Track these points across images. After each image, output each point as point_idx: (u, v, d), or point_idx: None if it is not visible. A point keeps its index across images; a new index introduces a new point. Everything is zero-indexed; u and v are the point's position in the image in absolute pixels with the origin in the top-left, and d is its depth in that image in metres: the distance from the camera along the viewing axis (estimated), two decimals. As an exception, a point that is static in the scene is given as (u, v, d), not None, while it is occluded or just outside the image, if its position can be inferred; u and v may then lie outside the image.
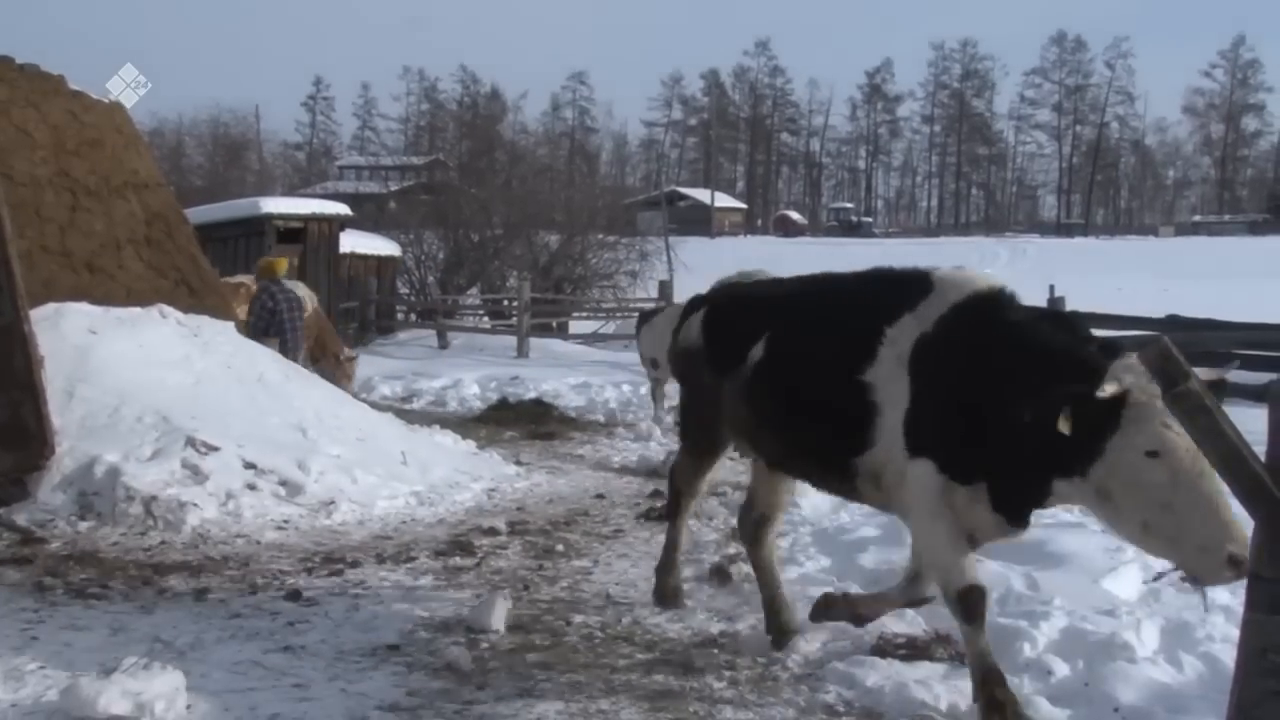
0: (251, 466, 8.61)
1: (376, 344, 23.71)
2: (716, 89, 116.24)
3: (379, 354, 21.61)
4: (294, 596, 6.54)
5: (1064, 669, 5.22)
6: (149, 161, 11.86)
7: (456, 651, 5.50)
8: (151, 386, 9.13)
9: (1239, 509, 3.62)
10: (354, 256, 25.59)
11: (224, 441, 8.68)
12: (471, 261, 30.61)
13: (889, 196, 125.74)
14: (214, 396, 9.43)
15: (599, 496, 9.74)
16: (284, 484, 8.59)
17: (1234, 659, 3.61)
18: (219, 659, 5.47)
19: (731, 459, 11.81)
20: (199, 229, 13.18)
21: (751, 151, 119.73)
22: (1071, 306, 15.70)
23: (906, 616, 5.99)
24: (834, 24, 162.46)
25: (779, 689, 5.26)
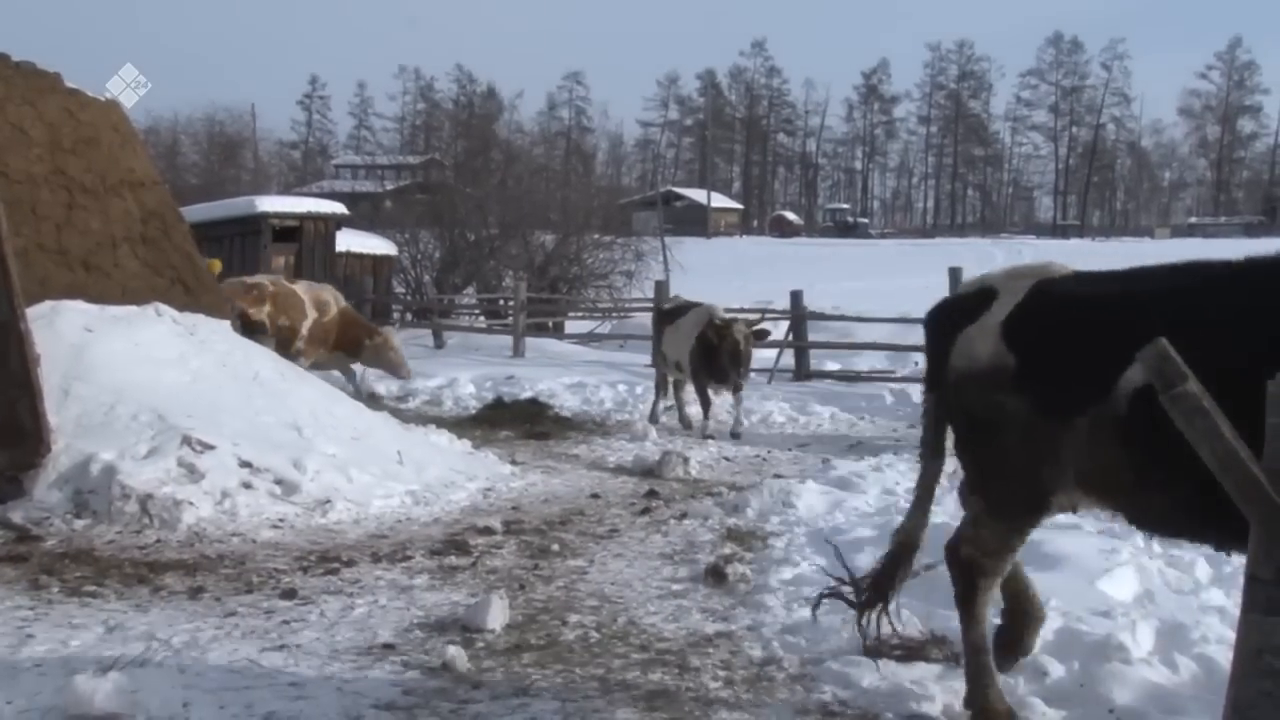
0: (247, 465, 8.61)
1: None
2: (712, 89, 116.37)
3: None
4: (289, 595, 6.54)
5: (1059, 670, 5.23)
6: (145, 160, 11.82)
7: (452, 650, 5.49)
8: (147, 385, 9.12)
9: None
10: (350, 255, 25.59)
11: (219, 440, 8.68)
12: (467, 261, 30.60)
13: (885, 197, 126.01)
14: (209, 395, 9.42)
15: (594, 496, 9.74)
16: (279, 483, 8.58)
17: (1229, 660, 3.61)
18: (214, 657, 5.47)
19: (725, 459, 11.87)
20: (195, 227, 13.15)
21: (747, 152, 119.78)
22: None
23: (902, 617, 5.99)
24: (830, 24, 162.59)
25: (774, 689, 5.27)
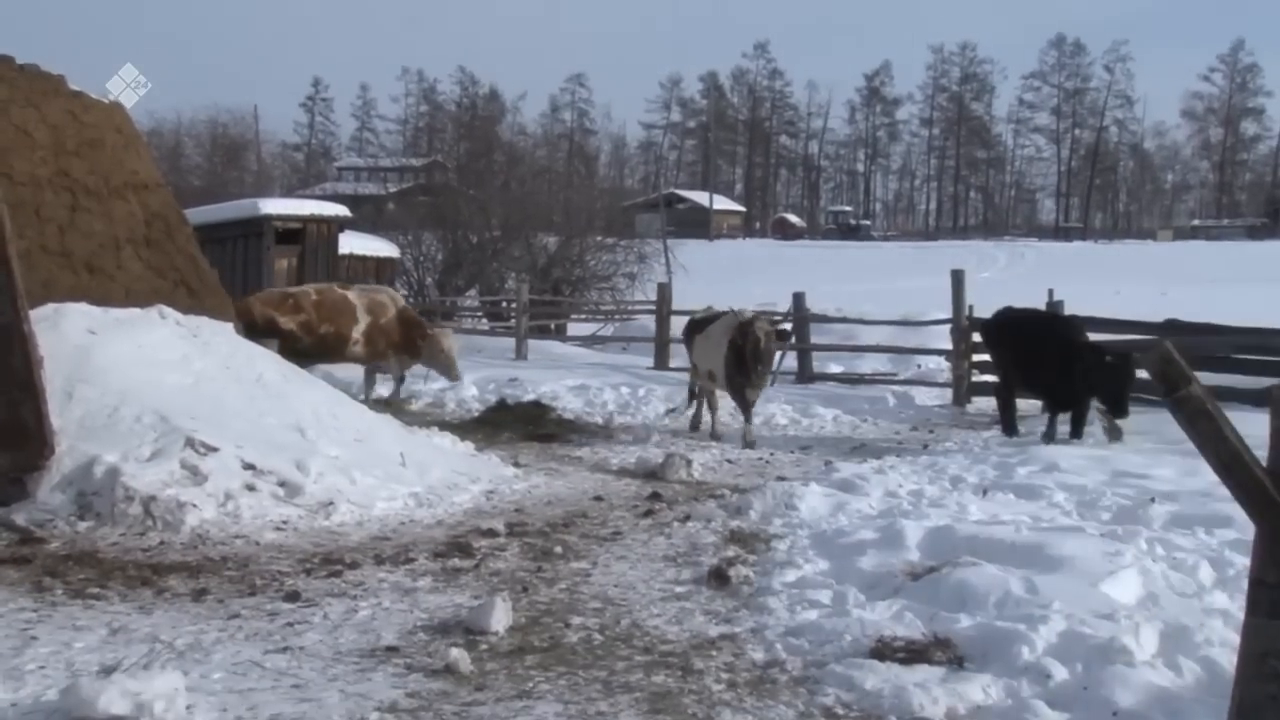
0: (250, 467, 8.61)
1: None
2: (715, 91, 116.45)
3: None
4: (293, 597, 6.54)
5: (1063, 672, 5.22)
6: (148, 162, 11.84)
7: (455, 653, 5.49)
8: (150, 387, 9.12)
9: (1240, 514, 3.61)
10: (353, 258, 25.59)
11: (223, 442, 8.68)
12: (470, 263, 30.62)
13: (887, 200, 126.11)
14: (213, 397, 9.42)
15: (597, 498, 9.73)
16: (283, 485, 8.58)
17: (1233, 663, 3.61)
18: (218, 659, 5.47)
19: (728, 461, 11.86)
20: (198, 230, 13.16)
21: (750, 154, 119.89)
22: (1070, 311, 15.74)
23: (905, 620, 6.00)
24: (833, 27, 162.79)
25: (778, 691, 5.26)
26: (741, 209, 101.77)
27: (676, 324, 20.85)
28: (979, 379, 15.97)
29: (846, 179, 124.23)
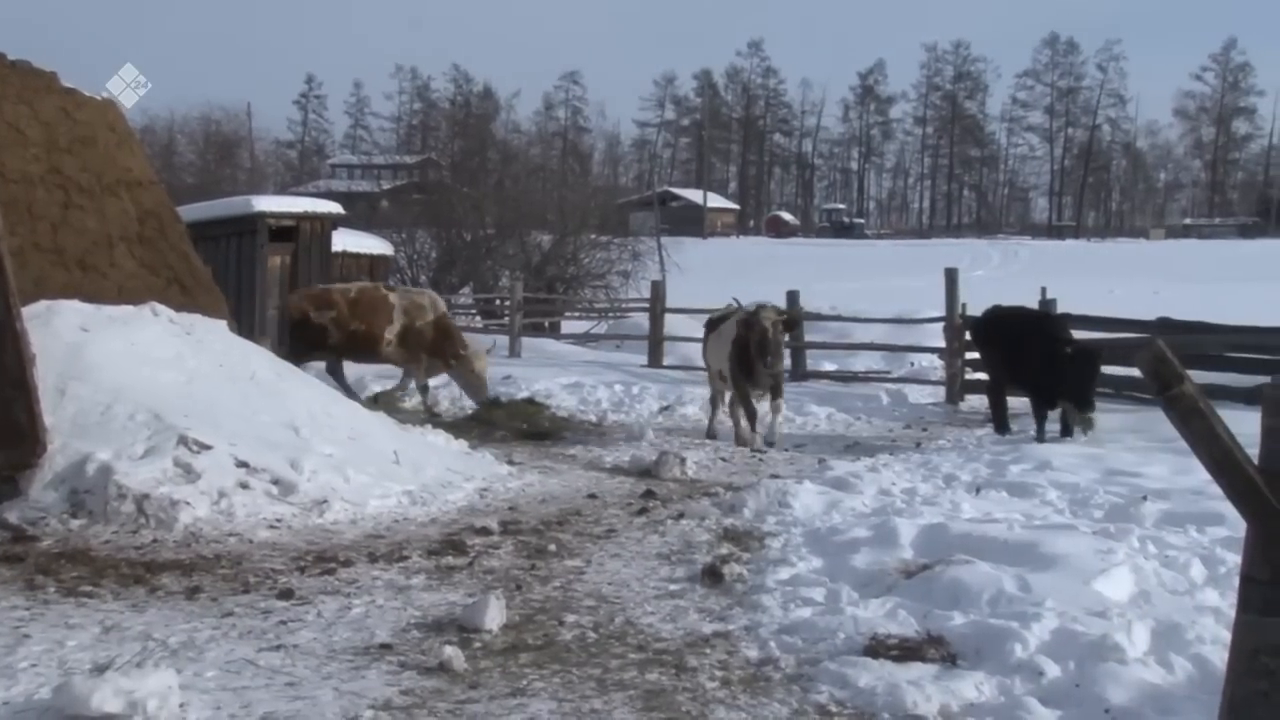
0: (244, 465, 8.59)
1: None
2: (709, 89, 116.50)
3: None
4: (286, 595, 6.53)
5: (1055, 670, 5.23)
6: (142, 159, 11.80)
7: (449, 651, 5.49)
8: (143, 385, 9.10)
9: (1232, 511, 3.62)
10: (346, 255, 25.49)
11: (216, 440, 8.67)
12: (464, 261, 30.62)
13: (881, 198, 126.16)
14: (206, 395, 9.41)
15: (591, 496, 9.74)
16: (276, 483, 8.57)
17: (1224, 660, 3.62)
18: (211, 658, 5.46)
19: (722, 459, 11.86)
20: (191, 227, 13.09)
21: (744, 152, 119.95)
22: (1063, 309, 15.78)
23: (899, 617, 6.01)
24: (827, 25, 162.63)
25: (771, 689, 5.27)
26: (735, 207, 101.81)
27: (670, 322, 20.90)
28: (972, 377, 15.99)
29: (840, 177, 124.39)
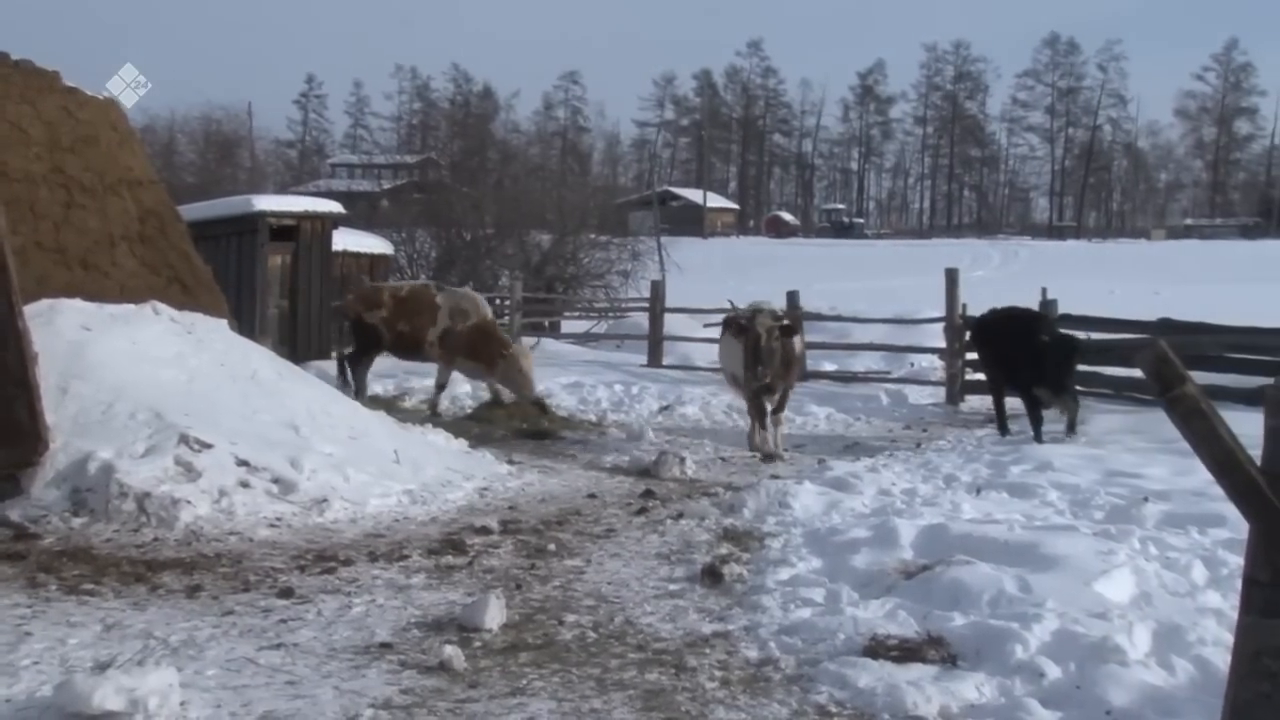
0: (244, 464, 8.60)
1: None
2: (709, 89, 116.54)
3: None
4: (287, 594, 6.54)
5: (1056, 671, 5.23)
6: (143, 158, 11.81)
7: (449, 650, 5.49)
8: (145, 383, 9.12)
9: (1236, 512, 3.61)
10: (346, 255, 25.50)
11: (217, 439, 8.67)
12: (463, 260, 30.57)
13: (881, 198, 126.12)
14: (207, 394, 9.42)
15: (591, 496, 9.74)
16: (277, 481, 8.58)
17: (1226, 662, 3.62)
18: (212, 656, 5.47)
19: (722, 459, 11.86)
20: (192, 226, 13.10)
21: (744, 152, 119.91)
22: (1064, 310, 15.77)
23: (899, 618, 6.01)
24: (827, 25, 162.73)
25: (771, 689, 5.27)
26: (735, 207, 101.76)
27: (670, 321, 20.92)
28: (972, 377, 15.99)
29: (840, 177, 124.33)
